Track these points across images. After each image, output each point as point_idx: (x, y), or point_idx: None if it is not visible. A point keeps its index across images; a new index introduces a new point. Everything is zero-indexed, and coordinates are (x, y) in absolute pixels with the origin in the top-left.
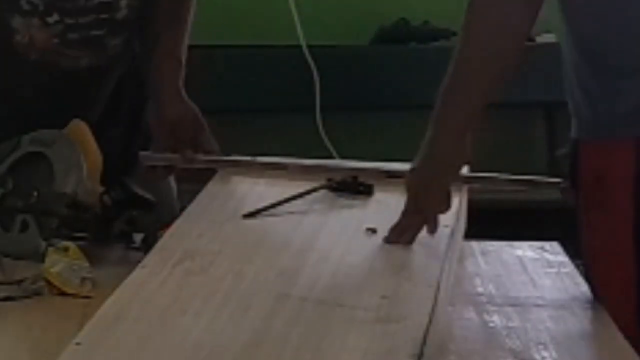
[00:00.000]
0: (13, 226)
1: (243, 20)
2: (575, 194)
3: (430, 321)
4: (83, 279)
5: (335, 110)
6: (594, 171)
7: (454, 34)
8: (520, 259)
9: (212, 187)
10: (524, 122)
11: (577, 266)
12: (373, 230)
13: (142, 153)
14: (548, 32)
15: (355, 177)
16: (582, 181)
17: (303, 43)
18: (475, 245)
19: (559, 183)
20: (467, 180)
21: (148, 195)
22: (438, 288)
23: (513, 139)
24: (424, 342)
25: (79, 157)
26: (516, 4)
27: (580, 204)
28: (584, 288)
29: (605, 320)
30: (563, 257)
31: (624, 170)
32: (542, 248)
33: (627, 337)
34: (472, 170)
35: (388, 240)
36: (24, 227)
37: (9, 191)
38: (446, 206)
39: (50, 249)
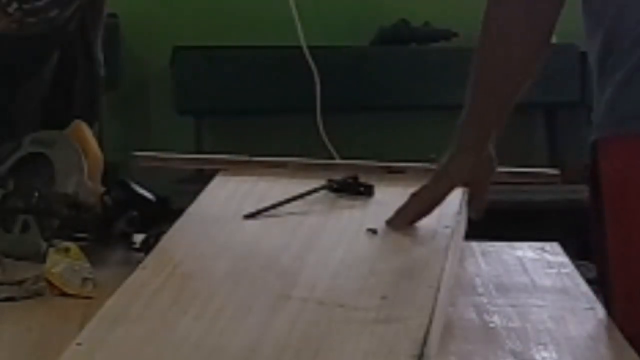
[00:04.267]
0: (14, 227)
1: (243, 20)
2: (594, 200)
3: (430, 322)
4: (84, 280)
5: (335, 111)
6: (618, 174)
7: (455, 35)
8: (520, 259)
9: (212, 188)
10: (524, 122)
11: (578, 267)
12: (374, 231)
13: (138, 153)
14: None
15: (355, 178)
16: (604, 185)
17: (303, 44)
18: (476, 246)
19: (558, 175)
20: None
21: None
22: (438, 289)
23: (513, 139)
24: (424, 343)
25: (79, 158)
26: None
27: (602, 209)
28: (584, 288)
29: (606, 321)
30: (563, 258)
31: None
32: (542, 249)
33: None
34: None
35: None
36: (25, 227)
37: (9, 192)
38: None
39: (51, 249)
